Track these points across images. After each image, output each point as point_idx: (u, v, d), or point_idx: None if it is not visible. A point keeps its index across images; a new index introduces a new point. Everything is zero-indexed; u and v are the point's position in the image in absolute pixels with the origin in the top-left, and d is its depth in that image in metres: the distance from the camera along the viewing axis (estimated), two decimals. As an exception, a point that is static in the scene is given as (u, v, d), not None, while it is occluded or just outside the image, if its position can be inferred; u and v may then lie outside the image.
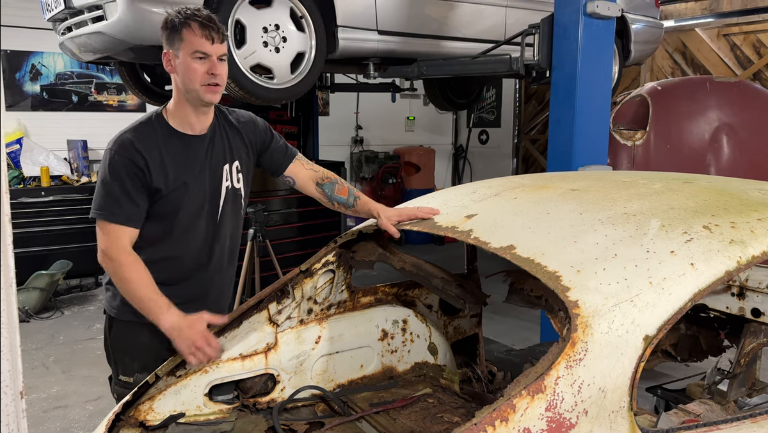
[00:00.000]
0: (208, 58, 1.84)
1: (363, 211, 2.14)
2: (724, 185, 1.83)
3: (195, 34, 1.82)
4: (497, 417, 1.17)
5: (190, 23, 1.82)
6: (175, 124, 1.95)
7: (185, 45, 1.83)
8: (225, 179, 2.04)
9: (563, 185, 1.91)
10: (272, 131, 2.19)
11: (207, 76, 1.85)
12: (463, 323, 2.44)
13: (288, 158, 2.17)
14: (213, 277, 2.05)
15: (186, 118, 1.95)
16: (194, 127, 1.97)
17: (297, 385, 1.98)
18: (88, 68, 6.86)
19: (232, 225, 2.10)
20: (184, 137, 1.95)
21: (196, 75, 1.84)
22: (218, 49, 1.86)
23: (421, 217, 1.98)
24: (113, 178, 1.87)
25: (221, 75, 1.88)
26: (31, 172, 6.21)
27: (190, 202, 1.96)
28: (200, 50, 1.83)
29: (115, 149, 1.89)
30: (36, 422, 3.52)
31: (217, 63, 1.86)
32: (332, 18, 3.88)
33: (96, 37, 3.53)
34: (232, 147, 2.06)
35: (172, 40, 1.86)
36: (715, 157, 5.00)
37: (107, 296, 2.09)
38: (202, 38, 1.82)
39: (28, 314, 5.32)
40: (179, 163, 1.93)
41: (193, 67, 1.84)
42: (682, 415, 1.93)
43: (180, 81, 1.89)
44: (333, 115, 8.71)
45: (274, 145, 2.16)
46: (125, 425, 1.72)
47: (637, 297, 1.31)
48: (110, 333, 2.09)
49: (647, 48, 5.67)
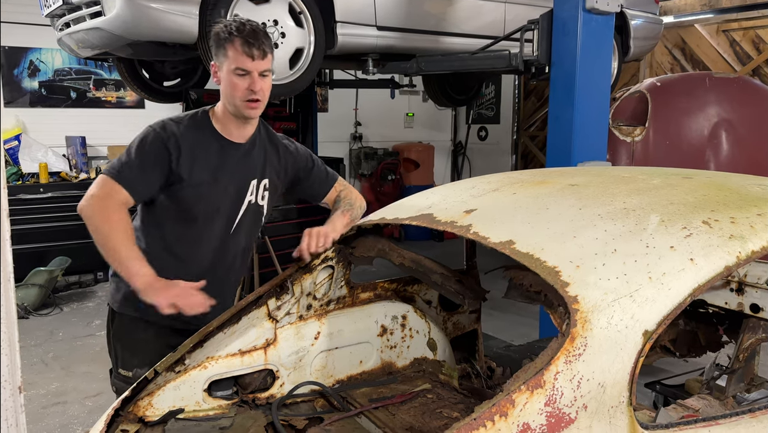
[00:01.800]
0: (249, 75, 1.88)
1: None
2: (724, 181, 1.83)
3: (237, 50, 1.85)
4: (496, 412, 1.17)
5: (233, 39, 1.85)
6: (218, 126, 2.00)
7: (228, 60, 1.88)
8: (250, 193, 2.07)
9: (562, 181, 1.91)
10: (314, 159, 2.23)
11: (247, 92, 1.89)
12: (462, 319, 2.44)
13: (328, 184, 2.24)
14: (217, 283, 2.08)
15: (227, 125, 2.00)
16: (233, 135, 2.01)
17: (296, 381, 1.98)
18: (87, 64, 6.85)
19: (246, 240, 2.15)
20: (222, 140, 2.00)
21: (237, 91, 1.89)
22: (259, 65, 1.88)
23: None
24: (139, 149, 1.90)
25: (262, 91, 1.91)
26: (29, 168, 6.20)
27: (210, 201, 1.99)
28: (241, 67, 1.87)
29: (156, 128, 1.95)
30: (35, 418, 3.52)
31: (257, 79, 1.89)
32: (331, 13, 3.88)
33: (94, 32, 3.52)
34: (266, 164, 2.09)
35: (218, 54, 1.90)
36: (715, 153, 5.00)
37: (110, 288, 2.10)
38: (243, 55, 1.86)
39: (27, 311, 5.31)
40: (209, 161, 1.97)
41: (234, 83, 1.88)
42: (680, 410, 1.94)
43: (223, 93, 1.94)
44: (332, 112, 8.71)
45: (314, 173, 2.21)
46: (124, 420, 1.72)
47: (637, 292, 1.30)
48: (112, 326, 2.11)
49: (646, 44, 5.67)
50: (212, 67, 1.96)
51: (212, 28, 1.93)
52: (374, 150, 8.89)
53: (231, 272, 2.16)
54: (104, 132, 6.95)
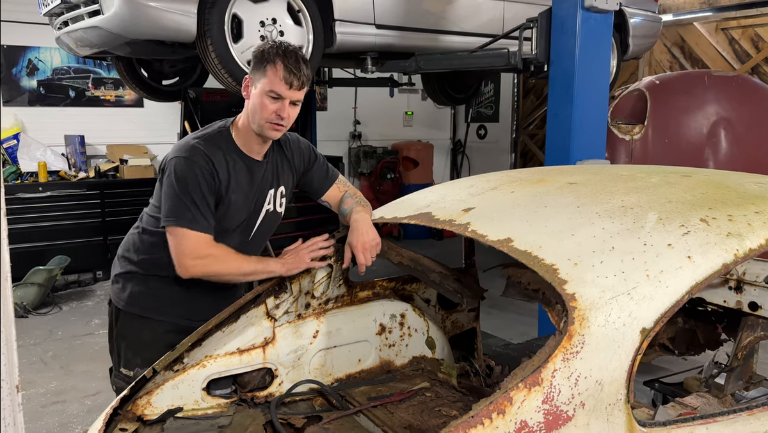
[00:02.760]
0: (281, 100, 1.88)
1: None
2: (722, 179, 1.83)
3: (277, 75, 1.85)
4: (494, 410, 1.17)
5: (276, 62, 1.85)
6: (239, 143, 2.00)
7: (265, 81, 1.87)
8: (267, 202, 2.09)
9: (561, 179, 1.91)
10: (316, 153, 2.23)
11: (274, 116, 1.89)
12: (460, 318, 2.44)
13: (328, 182, 2.22)
14: (230, 288, 2.12)
15: (249, 142, 2.00)
16: (254, 152, 2.02)
17: (295, 379, 1.98)
18: (85, 63, 6.84)
19: (261, 243, 2.18)
20: (246, 158, 2.00)
21: (265, 112, 1.89)
22: (294, 94, 1.90)
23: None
24: (192, 184, 1.86)
25: (289, 117, 1.93)
26: (28, 167, 6.19)
27: (233, 218, 2.01)
28: (276, 91, 1.87)
29: (188, 156, 1.89)
30: (34, 417, 3.52)
31: (287, 106, 1.90)
32: (329, 12, 3.88)
33: (92, 31, 3.52)
34: (279, 172, 2.11)
35: (256, 70, 1.90)
36: (713, 151, 5.00)
37: (115, 288, 2.10)
38: (281, 81, 1.86)
39: (26, 310, 5.31)
40: (239, 182, 1.98)
41: (264, 104, 1.88)
42: (679, 408, 1.94)
43: (250, 109, 1.94)
44: (331, 110, 8.70)
45: (315, 168, 2.21)
46: (123, 419, 1.72)
47: (634, 290, 1.31)
48: (116, 324, 2.11)
49: (645, 42, 5.67)
50: (245, 80, 1.95)
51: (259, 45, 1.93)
52: (373, 149, 8.88)
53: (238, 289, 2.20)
54: (103, 131, 6.94)
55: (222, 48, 3.46)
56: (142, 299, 2.05)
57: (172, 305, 2.03)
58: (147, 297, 2.05)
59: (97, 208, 6.29)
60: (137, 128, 7.15)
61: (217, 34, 3.44)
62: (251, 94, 1.92)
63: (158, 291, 2.04)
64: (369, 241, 2.00)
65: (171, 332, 2.01)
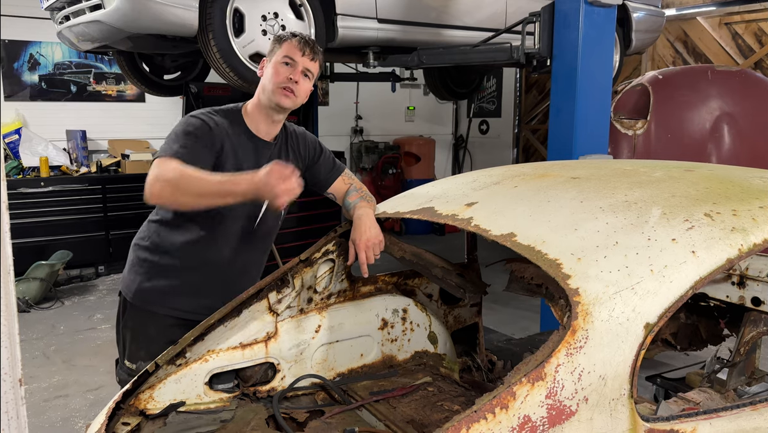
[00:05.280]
0: (294, 65, 1.95)
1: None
2: (726, 173, 1.82)
3: (291, 44, 1.95)
4: (497, 404, 1.17)
5: (291, 38, 1.96)
6: (248, 122, 2.03)
7: (279, 52, 1.96)
8: None
9: (564, 173, 1.90)
10: (322, 147, 2.24)
11: (286, 80, 1.94)
12: (463, 313, 2.44)
13: (334, 175, 2.22)
14: (237, 276, 2.11)
15: (258, 122, 2.03)
16: (262, 132, 2.04)
17: (297, 374, 1.98)
18: (87, 58, 6.83)
19: (267, 234, 2.17)
20: (253, 138, 2.03)
21: (277, 76, 1.94)
22: (306, 62, 1.96)
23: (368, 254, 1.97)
24: (189, 134, 1.89)
25: (300, 86, 1.97)
26: (30, 162, 6.19)
27: None
28: (290, 56, 1.94)
29: (195, 115, 1.96)
30: (37, 411, 3.53)
31: (299, 72, 1.96)
32: (331, 6, 3.86)
33: (94, 25, 3.51)
34: (286, 159, 2.09)
35: (272, 49, 1.99)
36: (716, 146, 4.98)
37: (127, 279, 2.11)
38: (296, 48, 1.94)
39: (28, 304, 5.32)
40: (244, 158, 1.98)
41: (277, 69, 1.95)
42: (681, 403, 1.94)
43: (263, 82, 1.99)
44: (332, 105, 8.69)
45: (322, 161, 2.21)
46: (125, 413, 1.73)
47: (638, 285, 1.30)
48: (123, 316, 2.12)
49: (648, 37, 5.64)
50: (261, 62, 2.02)
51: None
52: (375, 144, 8.87)
53: (252, 264, 2.18)
54: (105, 126, 6.94)
55: (224, 42, 3.46)
56: (151, 291, 2.05)
57: (181, 298, 2.03)
58: (156, 290, 2.05)
59: (99, 203, 6.29)
60: (139, 123, 7.15)
61: (218, 29, 3.43)
62: (265, 69, 1.99)
63: (168, 284, 2.04)
64: (372, 238, 1.99)
65: (176, 326, 2.01)
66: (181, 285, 2.03)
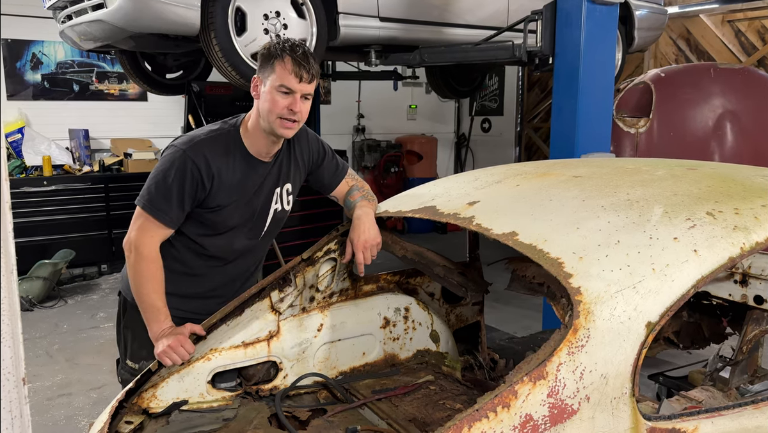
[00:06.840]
0: (292, 94, 1.85)
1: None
2: (728, 172, 1.82)
3: (285, 68, 1.83)
4: (499, 403, 1.17)
5: (284, 57, 1.83)
6: (248, 144, 1.96)
7: (274, 77, 1.84)
8: (275, 202, 2.08)
9: (566, 172, 1.90)
10: (325, 148, 2.20)
11: (286, 111, 1.86)
12: (465, 311, 2.44)
13: (338, 178, 2.20)
14: (237, 277, 2.12)
15: (258, 144, 1.96)
16: (262, 154, 1.99)
17: (299, 372, 1.99)
18: (89, 57, 6.84)
19: (268, 242, 2.18)
20: (252, 160, 1.97)
21: (276, 107, 1.85)
22: (304, 88, 1.86)
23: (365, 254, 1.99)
24: (176, 178, 1.86)
25: (301, 113, 1.89)
26: (33, 161, 6.20)
27: (238, 216, 2.00)
28: (286, 85, 1.84)
29: (187, 150, 1.88)
30: (41, 409, 3.54)
31: (299, 100, 1.87)
32: (333, 4, 3.86)
33: (96, 25, 3.52)
34: (286, 170, 2.09)
35: (264, 68, 1.87)
36: (719, 144, 4.97)
37: (127, 279, 2.11)
38: (291, 74, 1.83)
39: (31, 303, 5.33)
40: (241, 184, 1.96)
41: (275, 100, 1.85)
42: (683, 402, 1.94)
43: (261, 108, 1.90)
44: (334, 104, 8.68)
45: (326, 164, 2.18)
46: (128, 412, 1.73)
47: (640, 284, 1.30)
48: (123, 316, 2.12)
49: (651, 34, 5.63)
50: (253, 80, 1.92)
51: (264, 45, 1.91)
52: (377, 142, 8.87)
53: (252, 268, 2.19)
54: (107, 125, 6.95)
55: (225, 41, 3.46)
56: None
57: (181, 299, 2.03)
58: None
59: (102, 202, 6.30)
60: (141, 122, 7.16)
61: (220, 28, 3.43)
62: (261, 93, 1.89)
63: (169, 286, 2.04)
64: (370, 240, 1.99)
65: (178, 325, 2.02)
66: (180, 287, 2.03)
